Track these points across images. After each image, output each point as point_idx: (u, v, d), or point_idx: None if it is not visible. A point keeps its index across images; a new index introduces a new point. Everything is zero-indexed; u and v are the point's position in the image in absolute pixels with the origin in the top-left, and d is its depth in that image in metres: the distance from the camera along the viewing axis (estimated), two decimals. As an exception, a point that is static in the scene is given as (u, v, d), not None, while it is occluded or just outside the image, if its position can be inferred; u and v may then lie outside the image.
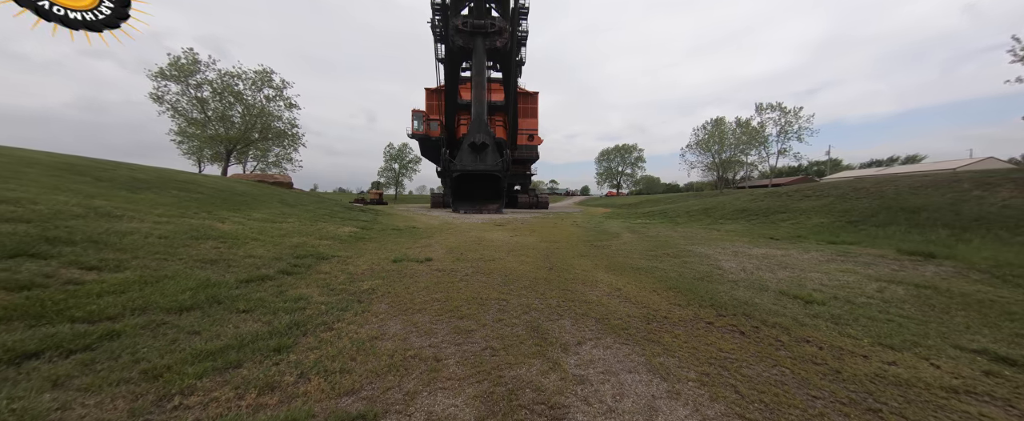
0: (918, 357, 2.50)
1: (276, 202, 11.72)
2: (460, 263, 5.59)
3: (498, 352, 2.45)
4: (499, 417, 1.73)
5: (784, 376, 2.21)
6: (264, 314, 2.92)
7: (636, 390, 2.02)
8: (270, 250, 5.37)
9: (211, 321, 2.68)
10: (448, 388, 1.98)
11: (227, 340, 2.36)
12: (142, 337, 2.32)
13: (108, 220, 4.89)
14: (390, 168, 60.67)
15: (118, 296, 2.83)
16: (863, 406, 1.89)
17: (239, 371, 2.03)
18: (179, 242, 4.73)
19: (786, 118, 30.72)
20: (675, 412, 1.82)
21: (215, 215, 7.20)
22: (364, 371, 2.12)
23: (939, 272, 5.63)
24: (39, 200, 4.86)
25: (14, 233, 3.56)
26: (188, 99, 23.78)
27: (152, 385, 1.83)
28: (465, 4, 26.97)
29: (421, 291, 3.89)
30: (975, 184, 11.50)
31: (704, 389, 2.04)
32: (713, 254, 7.04)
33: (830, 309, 3.55)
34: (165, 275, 3.46)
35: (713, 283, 4.59)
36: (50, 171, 7.07)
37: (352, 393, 1.89)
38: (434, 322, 2.98)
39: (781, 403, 1.91)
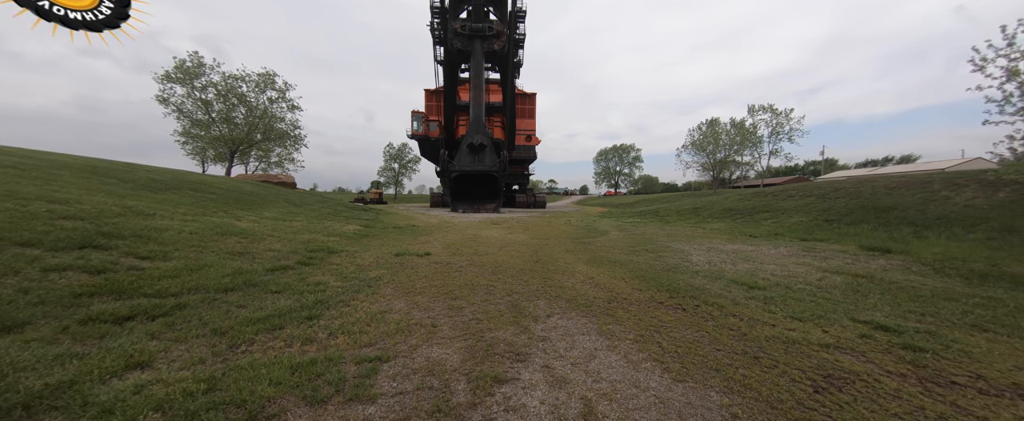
0: (815, 326, 3.15)
1: (283, 202, 12.35)
2: (456, 257, 6.24)
3: (482, 322, 3.10)
4: (478, 360, 2.38)
5: (702, 337, 2.86)
6: (292, 294, 3.56)
7: (583, 345, 2.67)
8: (286, 245, 6.01)
9: (252, 298, 3.32)
10: (441, 344, 2.63)
11: (269, 311, 3.01)
12: (202, 308, 2.96)
13: (143, 218, 5.52)
14: (389, 168, 61.29)
15: (173, 279, 3.47)
16: (750, 355, 2.54)
17: (283, 331, 2.67)
18: (207, 237, 5.37)
19: (777, 120, 31.40)
20: (608, 357, 2.47)
21: (231, 214, 7.83)
22: (377, 332, 2.77)
23: (885, 265, 6.28)
24: (82, 200, 5.50)
25: (76, 229, 4.20)
26: (193, 101, 24.37)
27: (222, 338, 2.47)
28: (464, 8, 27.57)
29: (421, 279, 4.54)
30: (944, 185, 12.15)
31: (635, 345, 2.69)
32: (688, 250, 7.69)
33: (767, 293, 4.20)
34: (204, 264, 4.10)
35: (677, 273, 5.24)
36: (79, 174, 7.69)
37: (370, 345, 2.54)
38: (431, 302, 3.63)
39: (689, 353, 2.56)
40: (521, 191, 38.07)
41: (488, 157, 23.61)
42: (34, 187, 5.66)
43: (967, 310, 3.65)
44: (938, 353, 2.61)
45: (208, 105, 24.66)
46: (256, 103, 26.15)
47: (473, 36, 25.55)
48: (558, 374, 2.23)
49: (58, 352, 2.03)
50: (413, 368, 2.24)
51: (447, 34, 26.43)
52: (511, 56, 28.19)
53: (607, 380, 2.16)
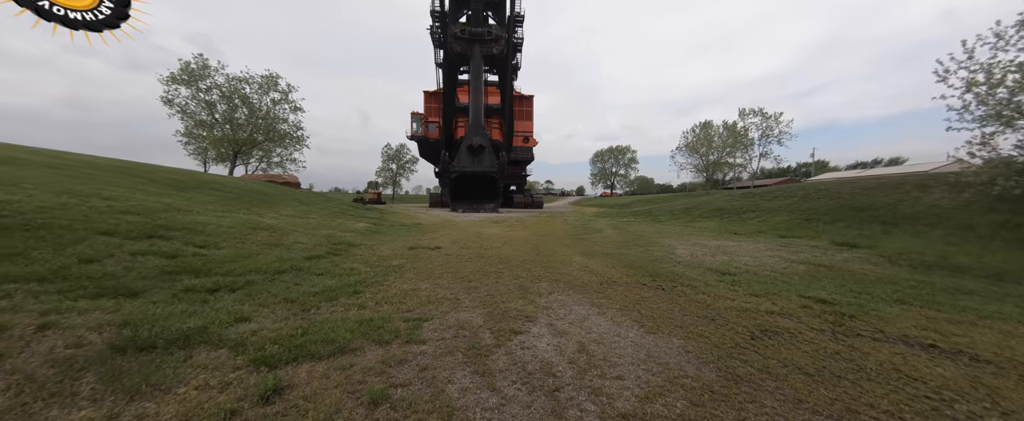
0: (767, 300, 3.86)
1: (293, 201, 12.92)
2: (464, 250, 6.89)
3: (495, 297, 3.76)
4: (496, 320, 3.05)
5: (673, 308, 3.55)
6: (333, 277, 4.21)
7: (578, 312, 3.35)
8: (310, 238, 6.63)
9: (301, 279, 3.96)
10: (466, 311, 3.29)
11: (321, 288, 3.65)
12: (267, 285, 3.60)
13: (184, 214, 6.12)
14: (387, 168, 61.68)
15: (233, 263, 4.10)
16: (708, 318, 3.23)
17: (338, 301, 3.32)
18: (242, 231, 5.98)
19: (767, 123, 32.40)
20: (597, 319, 3.15)
21: (254, 211, 8.43)
22: (413, 303, 3.42)
23: (848, 257, 7.03)
24: (128, 198, 6.09)
25: (137, 222, 4.81)
26: (197, 102, 24.80)
27: (294, 305, 3.12)
28: (463, 12, 28.23)
29: (437, 267, 5.19)
30: (916, 186, 13.01)
31: (620, 312, 3.37)
32: (675, 245, 8.41)
33: (736, 278, 4.91)
34: (251, 252, 4.73)
35: (661, 263, 5.94)
36: (112, 173, 8.25)
37: (410, 311, 3.19)
38: (450, 284, 4.29)
39: (661, 317, 3.25)
40: (519, 191, 38.75)
41: (487, 158, 24.27)
42: (83, 186, 6.23)
43: (899, 290, 4.39)
44: (857, 317, 3.32)
45: (212, 106, 25.09)
46: (259, 104, 26.62)
47: (472, 40, 26.20)
48: (559, 328, 2.90)
49: (181, 310, 2.67)
50: (447, 325, 2.90)
51: (447, 38, 27.07)
52: (509, 59, 28.91)
53: (596, 332, 2.84)
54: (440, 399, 1.83)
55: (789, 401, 1.92)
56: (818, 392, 2.01)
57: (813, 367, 2.32)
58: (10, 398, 1.58)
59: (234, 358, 2.10)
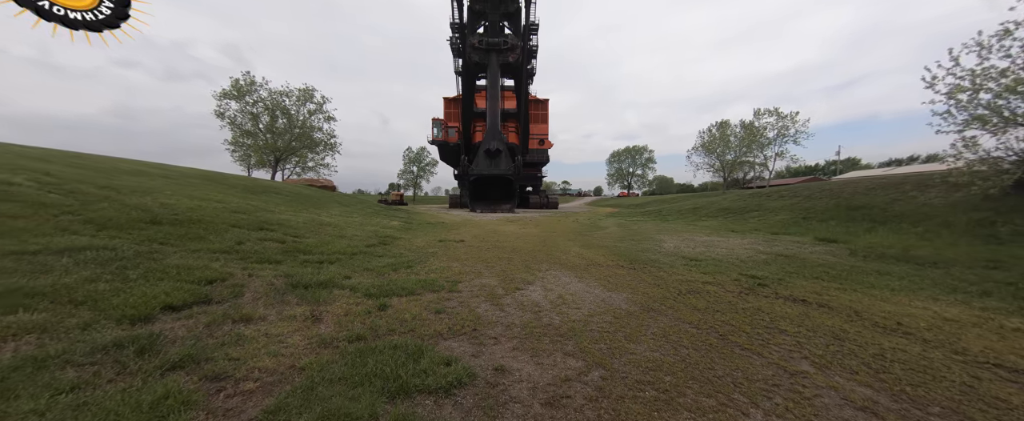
0: (711, 275, 5.12)
1: (335, 203, 14.88)
2: (483, 243, 8.40)
3: (507, 271, 5.22)
4: (507, 283, 4.51)
5: (634, 279, 4.90)
6: (390, 258, 5.79)
7: (564, 280, 4.76)
8: (361, 232, 8.32)
9: (368, 259, 5.57)
10: (486, 278, 4.77)
11: (384, 263, 5.23)
12: (350, 261, 5.22)
13: (268, 213, 7.94)
14: (409, 170, 64.48)
15: (321, 247, 5.76)
16: (655, 284, 4.56)
17: (399, 271, 4.88)
18: (313, 226, 7.72)
19: (783, 122, 32.32)
20: (577, 284, 4.56)
21: (312, 211, 10.27)
22: (449, 273, 4.94)
23: (817, 250, 8.04)
24: (228, 201, 7.96)
25: (245, 219, 6.59)
26: (244, 114, 27.69)
27: (371, 272, 4.70)
28: (481, 23, 29.93)
29: (462, 254, 6.71)
30: (915, 185, 13.50)
31: (594, 281, 4.76)
32: (667, 239, 9.60)
33: (700, 263, 6.15)
34: (328, 241, 6.40)
35: (644, 253, 7.23)
36: (205, 182, 10.30)
37: (447, 277, 4.70)
38: (474, 264, 5.78)
39: (621, 284, 4.61)
40: (534, 192, 40.05)
41: (503, 161, 25.83)
42: (196, 192, 8.17)
43: (826, 271, 5.53)
44: (768, 285, 4.56)
45: (256, 118, 27.93)
46: (297, 115, 29.31)
47: (489, 50, 27.83)
48: (548, 287, 4.33)
49: (310, 271, 4.29)
50: (473, 285, 4.39)
51: (466, 48, 28.83)
52: (524, 66, 30.36)
53: (571, 290, 4.25)
54: (472, 312, 3.31)
55: (673, 319, 3.28)
56: (696, 316, 3.35)
57: (704, 306, 3.64)
58: (264, 304, 3.18)
59: (354, 294, 3.66)
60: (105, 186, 6.14)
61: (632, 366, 2.33)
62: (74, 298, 2.54)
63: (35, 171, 5.69)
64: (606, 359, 2.42)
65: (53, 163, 7.04)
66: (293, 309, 3.09)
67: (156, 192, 6.94)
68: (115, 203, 5.26)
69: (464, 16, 28.46)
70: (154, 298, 2.72)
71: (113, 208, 4.98)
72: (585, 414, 1.80)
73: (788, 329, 3.08)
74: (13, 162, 6.18)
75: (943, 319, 3.35)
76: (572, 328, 3.00)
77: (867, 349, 2.64)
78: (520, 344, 2.65)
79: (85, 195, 5.25)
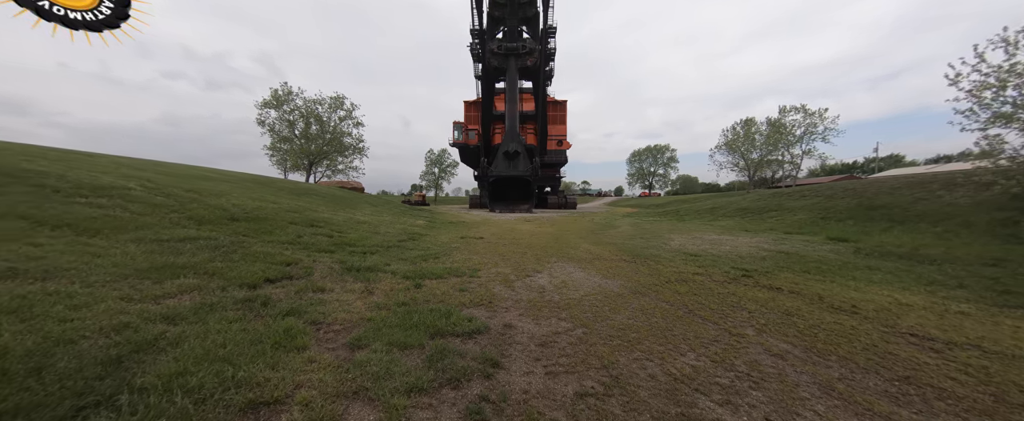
0: (703, 268, 5.69)
1: (365, 204, 16.18)
2: (501, 240, 9.22)
3: (520, 262, 6.01)
4: (519, 271, 5.30)
5: (631, 270, 5.55)
6: (420, 250, 6.72)
7: (568, 270, 5.49)
8: (392, 230, 9.36)
9: (402, 251, 6.51)
10: (501, 267, 5.57)
11: (416, 254, 6.16)
12: (387, 252, 6.17)
13: (313, 212, 9.11)
14: (430, 172, 66.52)
15: (362, 241, 6.76)
16: (649, 274, 5.21)
17: (428, 261, 5.78)
18: (352, 224, 8.81)
19: (810, 119, 31.23)
20: (578, 274, 5.28)
21: (347, 211, 11.47)
22: (470, 263, 5.78)
23: (822, 249, 8.31)
24: (281, 202, 9.20)
25: (298, 218, 7.73)
26: (281, 122, 30.01)
27: (406, 261, 5.62)
28: (500, 28, 30.87)
29: (482, 248, 7.55)
30: (943, 184, 13.17)
31: (595, 271, 5.46)
32: (675, 238, 10.07)
33: (698, 258, 6.68)
34: (366, 236, 7.42)
35: (647, 249, 7.80)
36: (258, 185, 11.74)
37: (469, 267, 5.54)
38: (492, 257, 6.60)
39: (619, 273, 5.28)
40: (553, 193, 40.56)
41: (522, 163, 26.63)
42: (255, 194, 9.49)
43: (819, 267, 5.94)
44: (755, 277, 5.10)
45: (293, 125, 30.20)
46: (328, 121, 31.38)
47: (508, 55, 28.71)
48: (553, 275, 5.08)
49: (358, 259, 5.25)
50: (492, 272, 5.20)
51: (485, 53, 29.85)
52: (542, 68, 31.02)
53: (574, 278, 4.98)
54: (488, 291, 4.12)
55: (654, 299, 3.95)
56: (675, 298, 4.01)
57: (686, 291, 4.28)
58: (330, 281, 4.12)
59: (395, 276, 4.56)
60: (190, 190, 7.43)
61: (608, 327, 3.06)
62: (206, 271, 3.55)
63: (139, 179, 7.03)
64: (589, 323, 3.16)
65: (147, 171, 8.49)
66: (351, 285, 4.02)
67: (225, 194, 8.23)
68: (201, 204, 6.48)
69: (484, 22, 29.47)
70: (257, 273, 3.71)
71: (202, 208, 6.17)
72: (566, 351, 2.56)
73: (749, 307, 3.69)
74: (119, 171, 7.60)
75: (898, 303, 3.83)
76: (568, 303, 3.74)
77: (808, 321, 3.24)
78: (524, 312, 3.43)
79: (179, 197, 6.49)
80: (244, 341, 2.27)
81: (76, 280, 2.78)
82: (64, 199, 4.61)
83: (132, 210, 5.05)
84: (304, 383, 1.93)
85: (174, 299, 2.85)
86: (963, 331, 3.02)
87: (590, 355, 2.50)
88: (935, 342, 2.78)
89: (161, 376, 1.77)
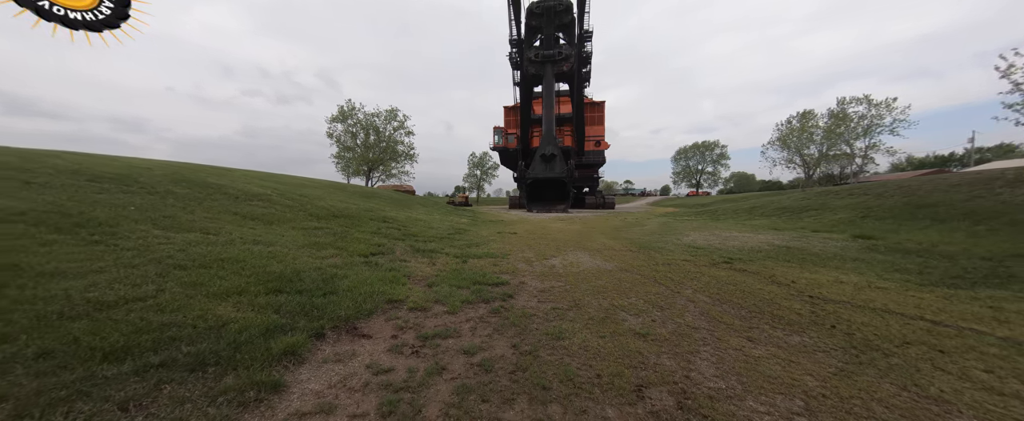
0: (696, 258, 6.84)
1: (419, 205, 18.74)
2: (532, 235, 10.86)
3: (542, 251, 7.61)
4: (540, 256, 6.92)
5: (632, 258, 6.89)
6: (464, 241, 8.60)
7: (580, 257, 6.99)
8: (443, 226, 11.44)
9: (454, 240, 8.44)
10: (526, 253, 7.23)
11: (465, 242, 8.04)
12: (441, 241, 8.14)
13: (382, 211, 11.48)
14: (473, 174, 69.96)
15: (423, 233, 8.82)
16: (645, 261, 6.52)
17: (472, 248, 7.62)
18: (412, 221, 11.02)
19: (875, 111, 28.57)
20: (587, 259, 6.76)
21: (406, 211, 13.87)
22: (504, 249, 7.51)
23: (836, 246, 8.80)
24: (359, 204, 11.72)
25: (374, 214, 10.05)
26: (346, 133, 34.54)
27: (456, 247, 7.50)
28: (537, 36, 32.46)
29: (514, 240, 9.25)
30: (1008, 181, 12.35)
31: (601, 258, 6.89)
32: (692, 234, 10.95)
33: (702, 251, 7.75)
34: (424, 230, 9.50)
35: (659, 243, 8.95)
36: (335, 190, 14.61)
37: (501, 252, 7.27)
38: (520, 246, 8.27)
39: (619, 259, 6.67)
40: (591, 193, 41.15)
41: (558, 165, 27.98)
42: (338, 197, 12.14)
43: (809, 258, 6.78)
44: (734, 264, 6.19)
45: (355, 136, 34.59)
46: (384, 131, 35.36)
47: (545, 62, 30.20)
48: (566, 259, 6.63)
49: (422, 242, 7.24)
50: (518, 256, 6.88)
51: (523, 61, 31.62)
52: (578, 72, 32.06)
53: (583, 262, 6.48)
54: (513, 267, 5.81)
55: (635, 274, 5.34)
56: (652, 273, 5.35)
57: (665, 270, 5.59)
58: (407, 257, 6.09)
59: (448, 256, 6.43)
60: (299, 196, 10.09)
61: (589, 285, 4.58)
62: (337, 247, 5.69)
63: (270, 188, 9.80)
64: (576, 283, 4.70)
65: (267, 181, 11.45)
66: (420, 259, 5.94)
67: (322, 198, 10.85)
68: (313, 205, 8.97)
69: (522, 32, 31.27)
70: (364, 250, 5.78)
71: (314, 208, 8.63)
72: (553, 294, 4.16)
73: (706, 280, 4.94)
74: (255, 182, 10.51)
75: (834, 281, 4.82)
76: (567, 274, 5.30)
77: (742, 289, 4.46)
78: (536, 277, 5.06)
79: (297, 200, 9.05)
80: (374, 279, 4.20)
81: (280, 247, 4.97)
82: (245, 203, 7.17)
83: (277, 209, 7.52)
84: (410, 295, 3.78)
85: (330, 260, 4.94)
86: (856, 297, 4.07)
87: (567, 296, 4.07)
88: (818, 299, 3.92)
89: (347, 287, 3.72)
